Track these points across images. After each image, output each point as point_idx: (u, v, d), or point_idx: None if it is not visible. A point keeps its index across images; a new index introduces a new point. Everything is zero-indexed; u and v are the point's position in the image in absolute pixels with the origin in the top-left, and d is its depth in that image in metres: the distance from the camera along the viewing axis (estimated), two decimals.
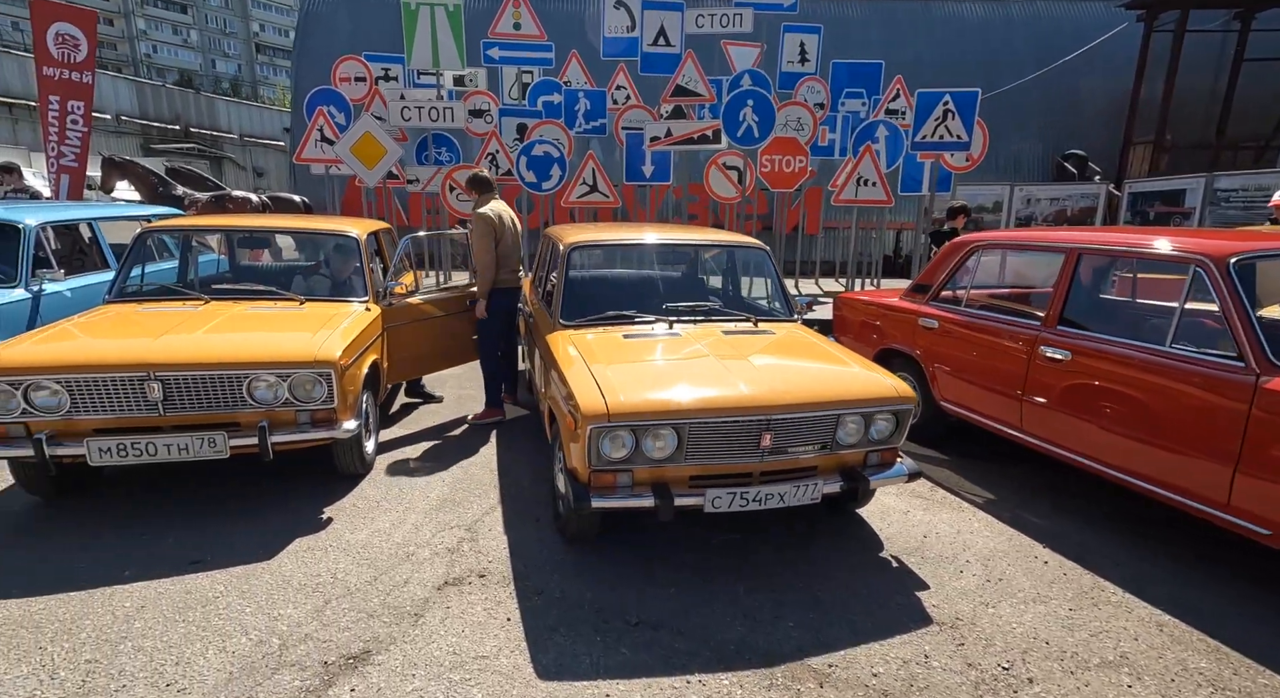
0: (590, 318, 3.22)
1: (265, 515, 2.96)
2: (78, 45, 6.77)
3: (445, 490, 3.27)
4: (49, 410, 2.67)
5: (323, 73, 12.69)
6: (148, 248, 3.75)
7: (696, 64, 8.54)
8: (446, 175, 7.88)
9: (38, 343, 2.78)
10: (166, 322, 3.11)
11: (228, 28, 62.45)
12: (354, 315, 3.48)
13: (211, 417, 2.84)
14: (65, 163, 6.92)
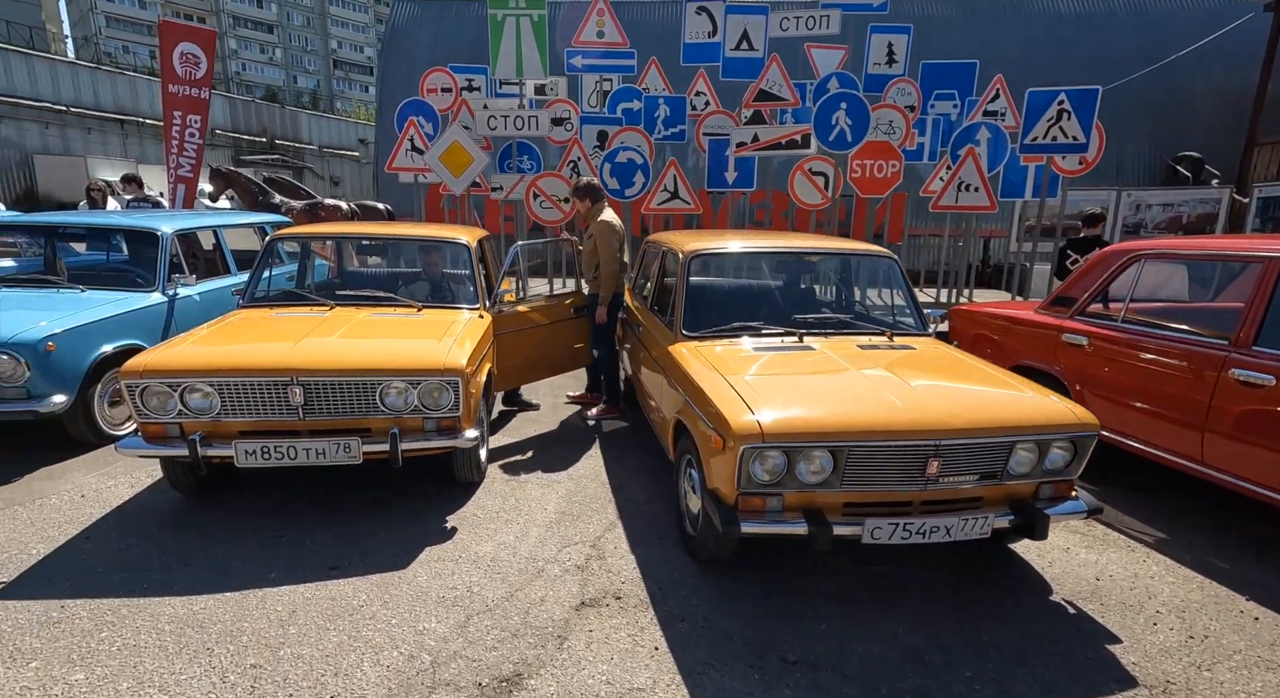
0: (714, 329, 3.09)
1: (391, 523, 2.96)
2: (198, 63, 7.24)
3: (561, 504, 3.20)
4: (201, 412, 2.75)
5: (405, 85, 13.24)
6: (276, 255, 3.88)
7: (781, 68, 8.35)
8: (531, 183, 7.96)
9: (192, 347, 2.89)
10: (301, 327, 3.18)
11: (308, 46, 66.45)
12: (470, 323, 3.48)
13: (345, 422, 2.87)
14: (182, 173, 7.40)
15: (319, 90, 65.12)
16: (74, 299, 3.93)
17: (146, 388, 2.69)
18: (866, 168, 7.46)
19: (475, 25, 12.83)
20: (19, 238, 5.53)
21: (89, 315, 3.70)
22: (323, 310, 3.52)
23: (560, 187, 7.96)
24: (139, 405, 2.71)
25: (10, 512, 2.96)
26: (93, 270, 4.62)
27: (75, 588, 2.39)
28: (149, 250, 4.48)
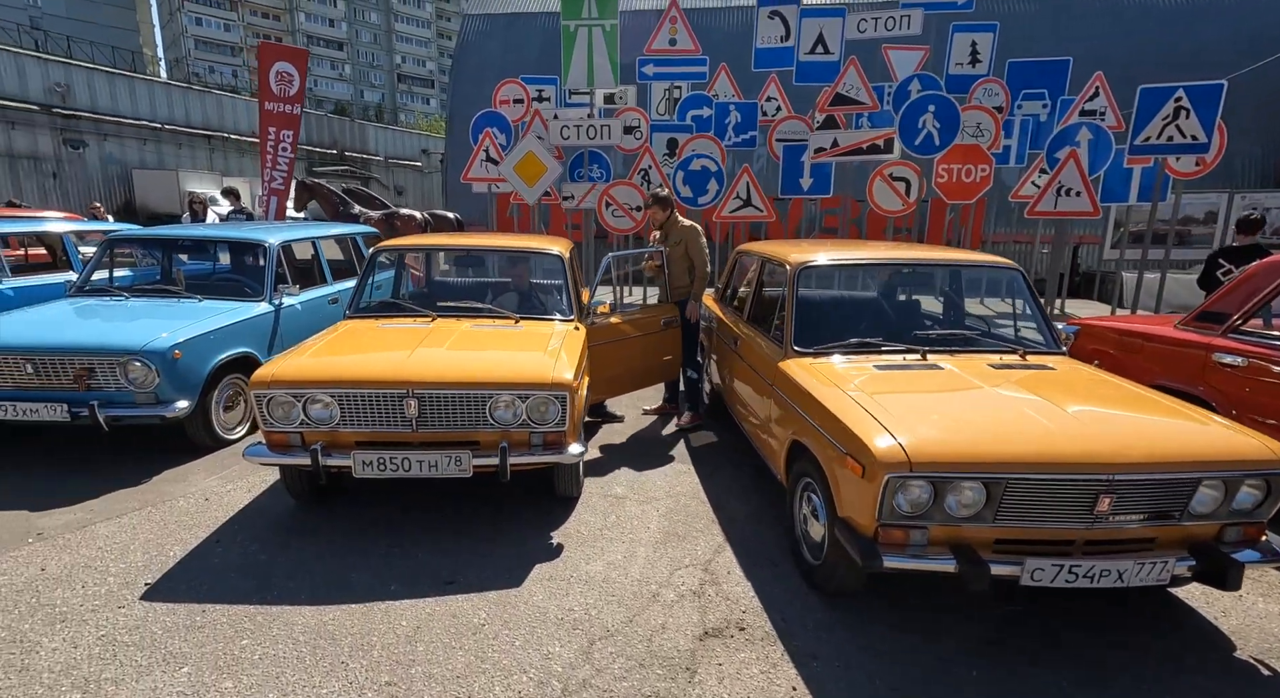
0: (828, 345, 2.95)
1: (497, 537, 2.95)
2: (291, 81, 7.63)
3: (663, 522, 3.12)
4: (322, 422, 2.81)
5: (474, 97, 13.63)
6: (378, 266, 3.99)
7: (859, 71, 8.09)
8: (604, 192, 7.98)
9: (314, 358, 2.96)
10: (410, 339, 3.22)
11: (375, 61, 69.67)
12: (568, 335, 3.45)
13: (454, 435, 2.88)
14: (275, 186, 7.81)
15: (384, 103, 68.15)
16: (193, 308, 4.14)
17: (273, 398, 2.77)
18: (954, 172, 7.12)
19: (542, 38, 13.09)
20: (136, 249, 5.90)
21: (208, 324, 3.88)
22: (426, 321, 3.57)
23: (633, 195, 7.95)
24: (265, 415, 2.79)
25: (145, 513, 3.11)
26: (205, 280, 4.86)
27: (212, 592, 2.46)
28: (257, 261, 4.68)
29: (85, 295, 4.36)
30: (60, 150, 23.55)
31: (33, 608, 2.35)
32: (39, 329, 3.60)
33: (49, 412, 3.45)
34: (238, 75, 59.82)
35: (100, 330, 3.61)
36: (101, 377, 3.51)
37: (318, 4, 65.48)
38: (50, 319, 3.78)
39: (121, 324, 3.72)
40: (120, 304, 4.16)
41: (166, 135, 26.67)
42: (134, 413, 3.54)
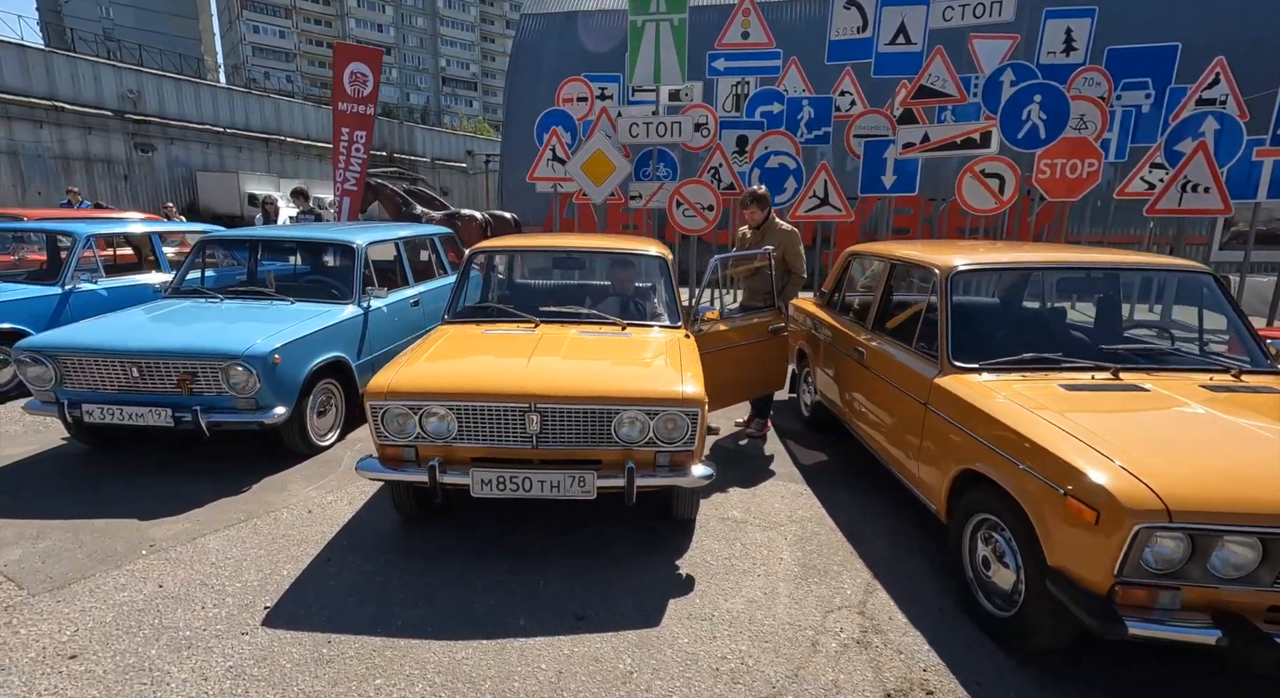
0: (997, 361, 2.61)
1: (618, 564, 2.71)
2: (365, 81, 7.61)
3: (796, 553, 2.82)
4: (438, 436, 2.62)
5: (531, 97, 13.60)
6: (476, 269, 3.81)
7: (946, 61, 7.61)
8: (675, 191, 7.72)
9: (430, 368, 2.78)
10: (520, 347, 3.02)
11: (420, 64, 71.19)
12: (683, 345, 3.20)
13: (574, 453, 2.65)
14: (347, 187, 7.81)
15: (428, 106, 69.60)
16: (286, 311, 4.04)
17: (388, 410, 2.59)
18: (1057, 168, 6.59)
19: (597, 37, 12.92)
20: (220, 250, 5.91)
21: (304, 328, 3.77)
22: (529, 328, 3.37)
23: (705, 194, 7.67)
24: (380, 427, 2.62)
25: (250, 525, 2.98)
26: (291, 282, 4.78)
27: (334, 621, 2.29)
28: (345, 263, 4.58)
29: (180, 297, 4.32)
30: (131, 154, 24.67)
31: (156, 631, 2.21)
32: (144, 332, 3.54)
33: (154, 416, 3.38)
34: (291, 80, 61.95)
35: (202, 334, 3.53)
36: (204, 381, 3.42)
37: (367, 9, 67.32)
38: (153, 322, 3.73)
39: (221, 327, 3.64)
40: (215, 306, 4.10)
41: (228, 139, 27.68)
42: (234, 419, 3.44)
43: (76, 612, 2.31)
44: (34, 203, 22.08)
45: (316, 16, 65.58)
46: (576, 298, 3.85)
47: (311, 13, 65.14)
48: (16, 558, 2.65)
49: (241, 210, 25.39)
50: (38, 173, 21.81)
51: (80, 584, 2.48)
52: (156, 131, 25.18)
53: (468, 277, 3.73)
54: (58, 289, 4.92)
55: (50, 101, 21.92)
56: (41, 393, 3.49)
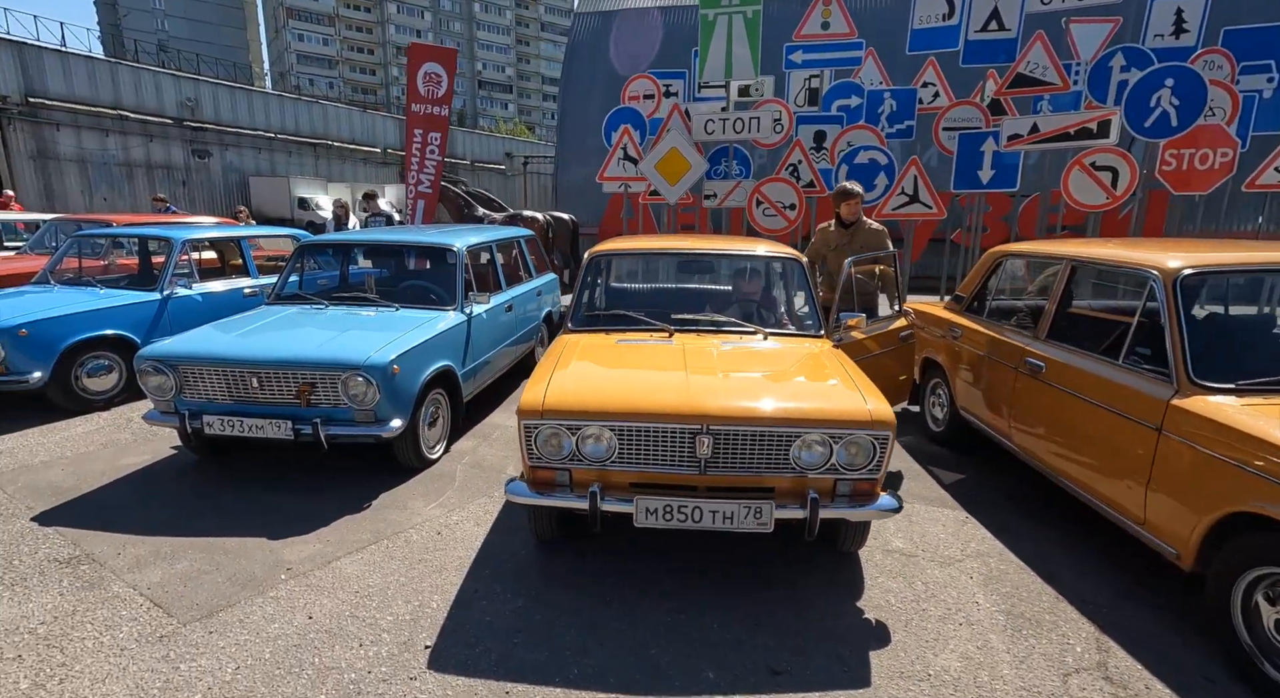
0: (1262, 381, 2.23)
1: (798, 606, 2.44)
2: (439, 82, 7.52)
3: (993, 597, 2.51)
4: (596, 459, 2.40)
5: (586, 95, 13.45)
6: (598, 273, 3.59)
7: (1047, 46, 7.13)
8: (755, 189, 7.42)
9: (583, 383, 2.55)
10: (667, 359, 2.78)
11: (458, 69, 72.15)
12: (840, 357, 2.92)
13: (745, 480, 2.39)
14: (421, 189, 7.73)
15: (465, 109, 70.55)
16: (393, 319, 3.90)
17: (543, 430, 2.38)
18: (1184, 159, 6.07)
19: (655, 34, 12.67)
20: (318, 255, 5.82)
21: (416, 336, 3.61)
22: (663, 337, 3.13)
23: (787, 192, 7.34)
24: (533, 449, 2.41)
25: (382, 548, 2.82)
26: (392, 287, 4.65)
27: (505, 666, 2.08)
28: (446, 267, 4.43)
29: (283, 303, 4.22)
30: (189, 160, 25.50)
31: (320, 672, 2.04)
32: (262, 341, 3.42)
33: (273, 429, 3.25)
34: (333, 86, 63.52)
35: (319, 343, 3.39)
36: (322, 392, 3.28)
37: (406, 15, 68.61)
38: (268, 331, 3.61)
39: (335, 337, 3.50)
40: (321, 313, 3.98)
41: (278, 144, 28.40)
42: (353, 432, 3.29)
43: (232, 646, 2.16)
44: (100, 208, 22.94)
45: (358, 24, 67.13)
46: (704, 304, 3.59)
47: (353, 20, 66.71)
48: (158, 581, 2.53)
49: (291, 214, 25.99)
50: (103, 179, 22.70)
51: (228, 613, 2.34)
52: (212, 138, 25.97)
53: (589, 282, 3.52)
54: (157, 295, 4.90)
55: (115, 110, 22.78)
56: (161, 403, 3.40)
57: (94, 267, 6.05)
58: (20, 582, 2.50)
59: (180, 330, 5.02)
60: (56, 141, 21.31)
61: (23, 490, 3.31)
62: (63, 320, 4.30)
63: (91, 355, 4.51)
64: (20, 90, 20.28)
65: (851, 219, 4.04)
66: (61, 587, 2.48)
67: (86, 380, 4.50)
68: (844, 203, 3.99)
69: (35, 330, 4.14)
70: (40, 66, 20.76)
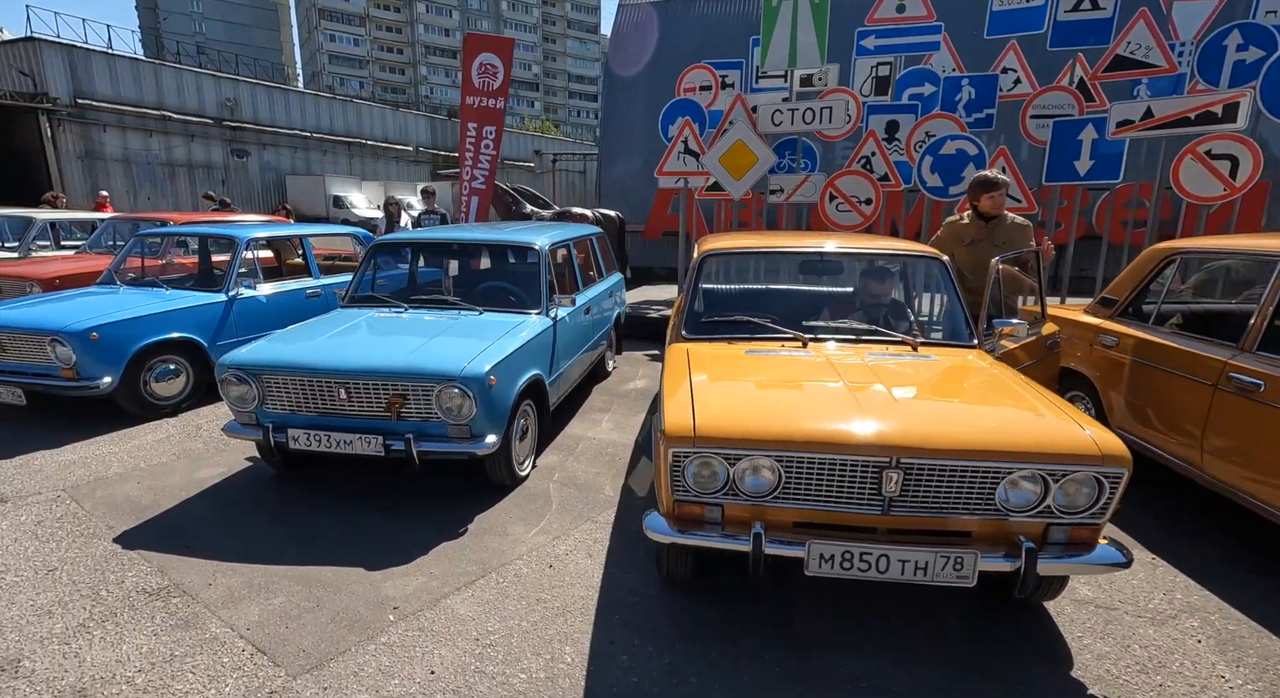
0: None
1: (994, 672, 2.08)
2: (495, 73, 7.25)
3: (1238, 669, 2.11)
4: (756, 494, 2.06)
5: (629, 90, 13.11)
6: (709, 274, 3.25)
7: (1151, 25, 6.58)
8: (828, 183, 7.00)
9: (739, 404, 2.21)
10: (819, 374, 2.43)
11: None
12: (1012, 372, 2.53)
13: (934, 522, 2.03)
14: (475, 185, 7.47)
15: None
16: (479, 324, 3.61)
17: (697, 459, 2.05)
18: None
19: (702, 24, 12.27)
20: (390, 255, 5.56)
21: (508, 343, 3.31)
22: (796, 346, 2.78)
23: (863, 186, 6.91)
24: (682, 481, 2.08)
25: (492, 583, 2.52)
26: (469, 290, 4.37)
27: None
28: (527, 267, 4.14)
29: (358, 305, 3.97)
30: (228, 159, 25.87)
31: None
32: (350, 349, 3.16)
33: (363, 444, 2.99)
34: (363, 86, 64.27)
35: (408, 351, 3.11)
36: (414, 405, 3.01)
37: (435, 14, 69.08)
38: (353, 337, 3.35)
39: (425, 343, 3.22)
40: (400, 318, 3.71)
41: (314, 143, 28.66)
42: (446, 449, 3.01)
43: None
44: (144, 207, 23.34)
45: (388, 24, 67.80)
46: (834, 309, 3.23)
47: (383, 20, 67.40)
48: (257, 619, 2.27)
49: (327, 212, 26.21)
50: (147, 179, 23.11)
51: (339, 663, 2.06)
52: (250, 137, 26.30)
53: (700, 285, 3.17)
54: (223, 296, 4.71)
55: (159, 111, 23.17)
56: (242, 415, 3.16)
57: (153, 266, 5.92)
58: (111, 617, 2.27)
59: (245, 333, 4.84)
60: (103, 142, 21.73)
61: (100, 506, 3.10)
62: (132, 323, 4.12)
63: (159, 359, 4.33)
64: (69, 92, 20.71)
65: (994, 213, 3.62)
66: (155, 624, 2.23)
67: (155, 385, 4.32)
68: (985, 195, 3.57)
69: (105, 334, 3.96)
70: (88, 69, 21.17)
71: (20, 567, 2.58)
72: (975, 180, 3.75)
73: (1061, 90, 7.12)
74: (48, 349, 3.89)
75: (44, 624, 2.22)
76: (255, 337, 4.88)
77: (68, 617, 2.26)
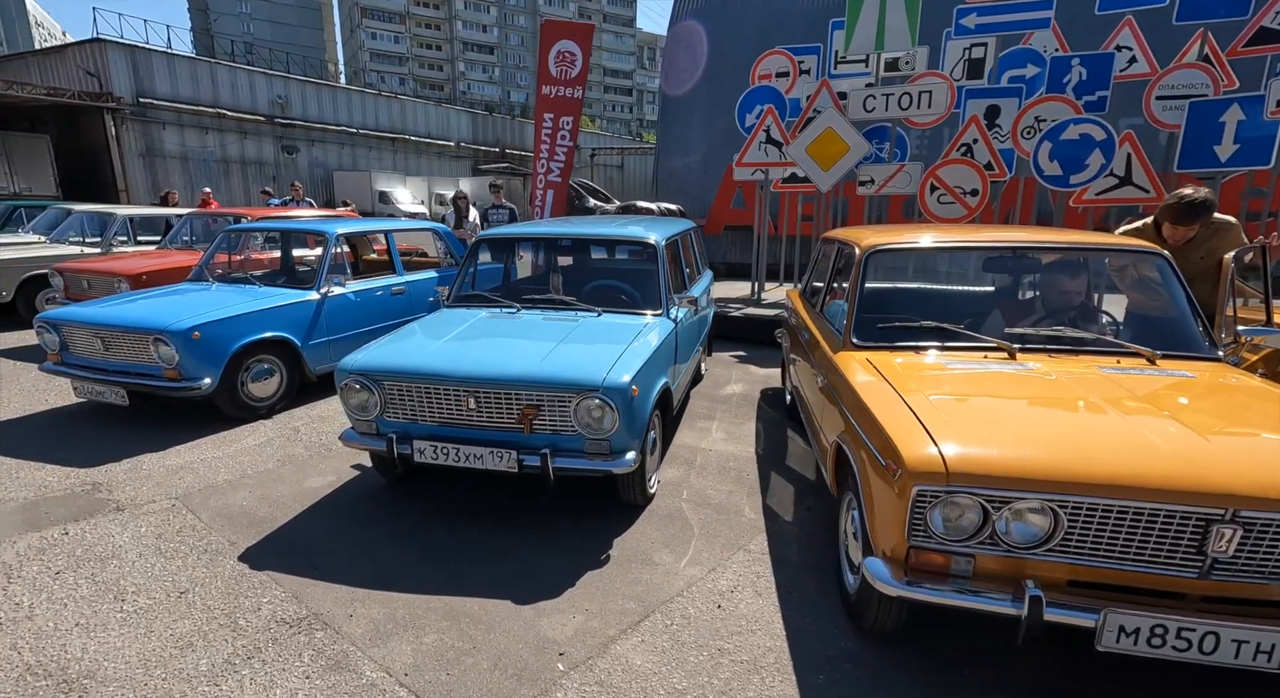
0: None
1: None
2: (574, 61, 6.95)
3: None
4: (1023, 543, 1.70)
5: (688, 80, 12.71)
6: (875, 274, 2.87)
7: None
8: (929, 173, 6.51)
9: (987, 430, 1.85)
10: (1062, 394, 2.05)
11: (521, 62, 72.79)
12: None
13: (1264, 592, 1.64)
14: (551, 179, 7.20)
15: (528, 102, 71.06)
16: (601, 326, 3.32)
17: (948, 500, 1.70)
18: None
19: (769, 8, 11.77)
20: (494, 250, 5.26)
21: (641, 349, 3.01)
22: (1003, 358, 2.39)
23: (969, 176, 6.39)
24: (926, 525, 1.73)
25: (659, 626, 2.22)
26: (579, 288, 4.07)
27: None
28: (644, 265, 3.83)
29: (463, 305, 3.71)
30: (279, 156, 26.36)
31: None
32: (478, 354, 2.89)
33: (495, 459, 2.73)
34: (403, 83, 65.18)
35: (540, 357, 2.83)
36: (549, 416, 2.72)
37: (473, 11, 69.54)
38: (477, 341, 3.09)
39: (554, 348, 2.93)
40: (516, 319, 3.44)
41: (359, 139, 29.02)
42: (583, 466, 2.72)
43: None
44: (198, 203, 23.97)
45: (427, 21, 68.55)
46: (1034, 312, 2.82)
47: (423, 18, 68.15)
48: (412, 662, 2.02)
49: (373, 208, 26.50)
50: (203, 175, 23.69)
51: None
52: (299, 134, 26.74)
53: (862, 285, 2.79)
54: (315, 293, 4.53)
55: (214, 109, 23.70)
56: (361, 424, 2.93)
57: (236, 262, 5.81)
58: (256, 653, 2.04)
59: (335, 332, 4.66)
60: (163, 140, 22.33)
61: (218, 519, 2.92)
62: (232, 322, 3.96)
63: (255, 359, 4.17)
64: (132, 91, 21.30)
65: (1178, 241, 3.02)
66: (305, 665, 2.00)
67: (251, 386, 4.17)
68: (1183, 226, 2.92)
69: (207, 333, 3.81)
70: (149, 68, 21.74)
71: (151, 587, 2.39)
72: (1178, 205, 2.97)
73: (1195, 67, 6.45)
74: (150, 349, 3.76)
75: (188, 659, 2.01)
76: (344, 336, 4.74)
77: (211, 652, 2.05)
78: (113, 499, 3.10)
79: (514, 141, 36.88)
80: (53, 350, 4.05)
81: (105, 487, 3.22)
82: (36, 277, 6.81)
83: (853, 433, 2.14)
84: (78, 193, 19.62)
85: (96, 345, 3.91)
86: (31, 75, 21.18)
